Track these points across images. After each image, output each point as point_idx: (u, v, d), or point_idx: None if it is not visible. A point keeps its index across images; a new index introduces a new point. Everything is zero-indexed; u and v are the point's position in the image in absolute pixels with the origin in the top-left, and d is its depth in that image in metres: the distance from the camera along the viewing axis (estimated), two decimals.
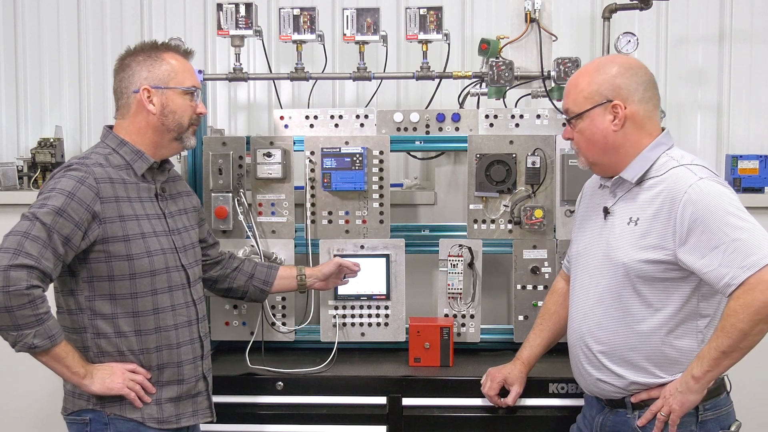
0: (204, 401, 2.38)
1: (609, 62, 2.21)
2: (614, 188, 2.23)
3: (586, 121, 2.18)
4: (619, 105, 2.14)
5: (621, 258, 2.14)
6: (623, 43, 3.00)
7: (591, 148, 2.22)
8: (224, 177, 2.92)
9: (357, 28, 2.94)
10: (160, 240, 2.26)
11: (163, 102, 2.26)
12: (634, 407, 2.20)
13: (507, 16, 3.10)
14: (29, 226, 2.05)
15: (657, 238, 2.09)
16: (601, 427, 2.29)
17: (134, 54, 2.30)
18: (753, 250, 1.95)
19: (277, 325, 2.97)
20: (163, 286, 2.25)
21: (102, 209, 2.14)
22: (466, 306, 2.96)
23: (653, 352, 2.14)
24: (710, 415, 2.15)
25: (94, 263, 2.17)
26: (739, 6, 3.65)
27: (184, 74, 2.31)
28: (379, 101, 3.53)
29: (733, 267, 1.97)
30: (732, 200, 2.04)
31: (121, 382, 2.17)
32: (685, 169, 2.10)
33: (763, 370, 3.28)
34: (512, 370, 2.56)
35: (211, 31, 3.68)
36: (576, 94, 2.20)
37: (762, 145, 3.66)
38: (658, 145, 2.17)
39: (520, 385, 2.55)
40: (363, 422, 2.67)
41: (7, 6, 3.81)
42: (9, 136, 3.84)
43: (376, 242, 2.95)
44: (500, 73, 2.91)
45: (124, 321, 2.20)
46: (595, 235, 2.27)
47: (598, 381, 2.24)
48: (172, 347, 2.27)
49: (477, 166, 2.92)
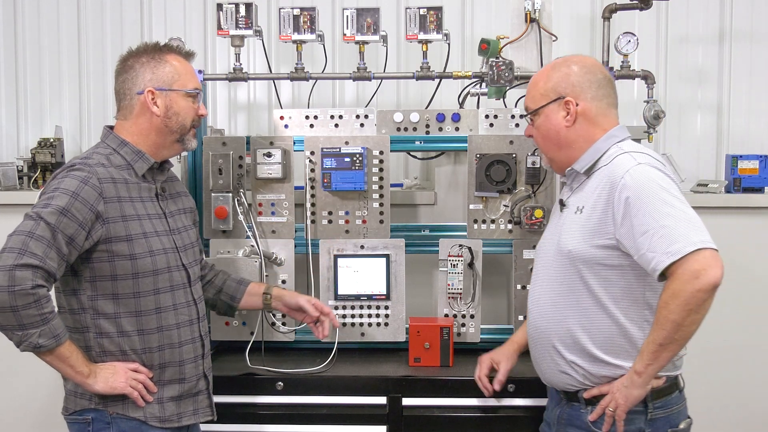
0: (205, 400, 2.39)
1: (565, 61, 2.30)
2: (570, 181, 2.30)
3: (542, 117, 2.27)
4: (571, 101, 2.22)
5: (567, 246, 2.20)
6: (623, 43, 3.00)
7: (547, 144, 2.30)
8: (224, 177, 2.92)
9: (357, 28, 2.94)
10: (162, 239, 2.27)
11: (167, 104, 2.28)
12: (587, 402, 2.22)
13: (507, 16, 3.10)
14: (33, 226, 2.05)
15: (599, 223, 2.13)
16: (558, 419, 2.33)
17: (137, 55, 2.30)
18: (678, 238, 1.98)
19: (277, 325, 2.97)
20: (165, 285, 2.26)
21: (105, 209, 2.15)
22: (466, 306, 2.96)
23: (603, 339, 2.17)
24: (660, 413, 2.17)
25: (97, 263, 2.17)
26: (739, 6, 3.65)
27: (187, 76, 2.33)
28: (379, 101, 3.53)
29: (658, 252, 2.00)
30: (666, 186, 2.06)
31: (124, 381, 2.18)
32: (628, 155, 2.14)
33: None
34: (500, 349, 2.60)
35: (211, 31, 3.68)
36: (534, 91, 2.30)
37: (762, 145, 3.66)
38: (610, 138, 2.23)
39: (508, 361, 2.56)
40: (363, 422, 2.67)
41: (7, 6, 3.81)
42: (9, 136, 3.84)
43: (376, 242, 2.95)
44: (500, 73, 2.91)
45: (127, 320, 2.21)
46: (552, 228, 2.35)
47: (556, 371, 2.27)
48: (174, 346, 2.28)
49: (477, 166, 2.92)
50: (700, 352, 3.33)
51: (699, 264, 1.96)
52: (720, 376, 3.39)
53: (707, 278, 1.96)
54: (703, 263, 1.97)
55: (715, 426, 3.38)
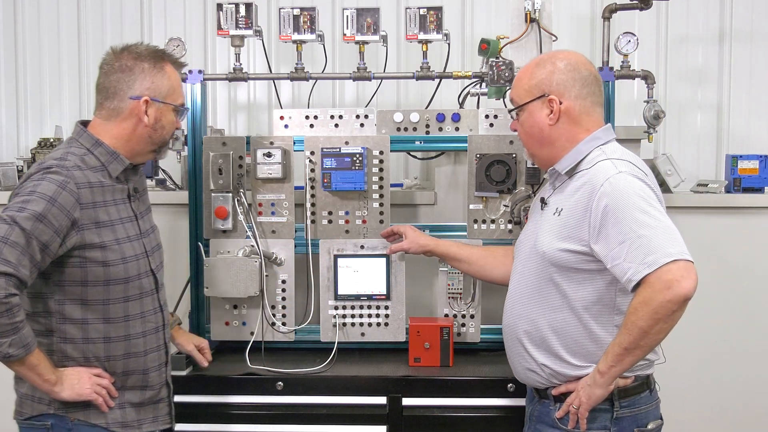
0: (164, 407, 2.36)
1: (551, 58, 2.28)
2: (552, 180, 2.30)
3: (526, 114, 2.27)
4: (555, 100, 2.21)
5: (541, 247, 2.20)
6: (623, 43, 3.00)
7: (530, 140, 2.30)
8: (224, 177, 2.92)
9: (357, 28, 2.93)
10: (134, 245, 2.23)
11: (157, 116, 2.25)
12: (555, 399, 2.23)
13: (507, 16, 3.10)
14: (8, 231, 1.98)
15: (575, 228, 2.13)
16: (530, 415, 2.35)
17: (139, 58, 2.24)
18: (655, 249, 1.97)
19: (277, 325, 2.97)
20: (134, 293, 2.22)
21: (81, 216, 2.10)
22: (466, 306, 2.96)
23: (571, 341, 2.18)
24: (626, 412, 2.18)
25: (69, 267, 2.12)
26: (739, 6, 3.66)
27: (179, 91, 2.32)
28: (379, 101, 3.53)
29: (635, 263, 1.99)
30: (645, 197, 2.05)
31: (89, 387, 2.14)
32: (610, 162, 2.13)
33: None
34: (422, 235, 2.78)
35: (211, 31, 3.68)
36: (519, 87, 2.29)
37: (762, 145, 3.66)
38: (593, 140, 2.21)
39: (410, 243, 2.76)
40: (363, 422, 2.67)
41: (7, 6, 3.81)
42: (9, 136, 3.85)
43: (376, 242, 2.95)
44: (500, 73, 2.91)
45: (94, 327, 2.16)
46: (531, 225, 2.35)
47: (525, 369, 2.29)
48: (139, 354, 2.25)
49: (477, 166, 2.92)
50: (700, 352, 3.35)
51: (672, 274, 1.95)
52: (720, 376, 3.38)
53: (679, 289, 1.95)
54: (677, 274, 1.95)
55: (715, 426, 3.38)
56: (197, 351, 2.73)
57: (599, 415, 2.17)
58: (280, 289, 2.97)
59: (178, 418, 2.67)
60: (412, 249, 2.77)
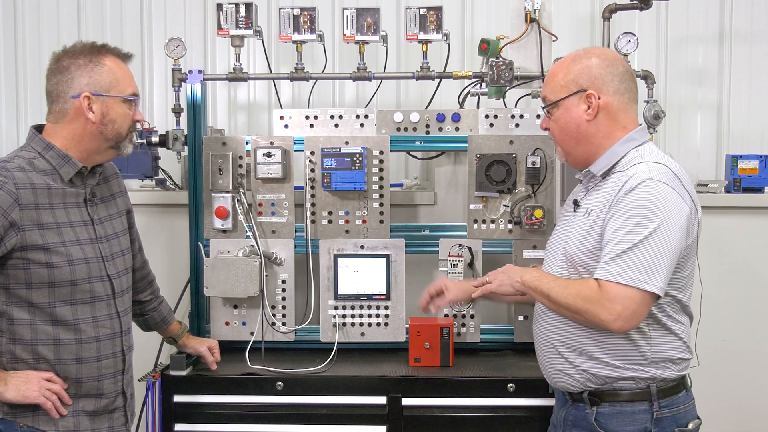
0: (120, 417, 2.31)
1: (586, 53, 2.24)
2: (586, 181, 2.27)
3: (561, 110, 2.22)
4: (593, 94, 2.17)
5: (570, 249, 2.19)
6: (623, 43, 3.00)
7: (565, 138, 2.25)
8: (224, 177, 2.92)
9: (357, 28, 2.93)
10: (84, 249, 2.18)
11: (103, 110, 2.18)
12: (592, 403, 2.20)
13: (507, 16, 3.10)
14: None
15: (600, 228, 2.11)
16: (563, 420, 2.30)
17: (74, 56, 2.18)
18: (632, 265, 2.00)
19: (277, 325, 2.97)
20: (84, 296, 2.17)
21: (20, 216, 2.06)
22: (466, 306, 2.96)
23: (606, 343, 2.15)
24: (666, 412, 2.15)
25: (12, 269, 2.09)
26: (739, 6, 3.65)
27: (126, 81, 2.22)
28: (379, 101, 3.53)
29: (612, 264, 2.02)
30: (665, 214, 2.02)
31: (37, 390, 2.09)
32: (645, 166, 2.11)
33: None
34: (460, 281, 2.69)
35: (211, 31, 3.68)
36: (553, 83, 2.24)
37: (762, 145, 3.65)
38: (629, 141, 2.19)
39: (456, 290, 2.49)
40: (363, 422, 2.67)
41: (7, 6, 3.81)
42: (9, 136, 3.84)
43: (376, 242, 2.95)
44: (500, 73, 2.91)
45: (42, 328, 2.12)
46: (561, 228, 2.33)
47: (559, 372, 2.25)
48: (92, 360, 2.19)
49: (477, 166, 2.92)
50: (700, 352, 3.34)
51: (620, 304, 2.01)
52: (719, 376, 3.38)
53: (616, 324, 2.03)
54: (626, 307, 2.01)
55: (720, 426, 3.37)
56: (209, 352, 2.75)
57: (639, 416, 2.14)
58: (280, 289, 2.98)
59: (178, 418, 2.68)
60: (459, 297, 2.54)
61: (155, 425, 2.70)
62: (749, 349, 3.38)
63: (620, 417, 2.15)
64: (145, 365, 2.93)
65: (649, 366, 2.14)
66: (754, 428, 3.44)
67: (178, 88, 3.03)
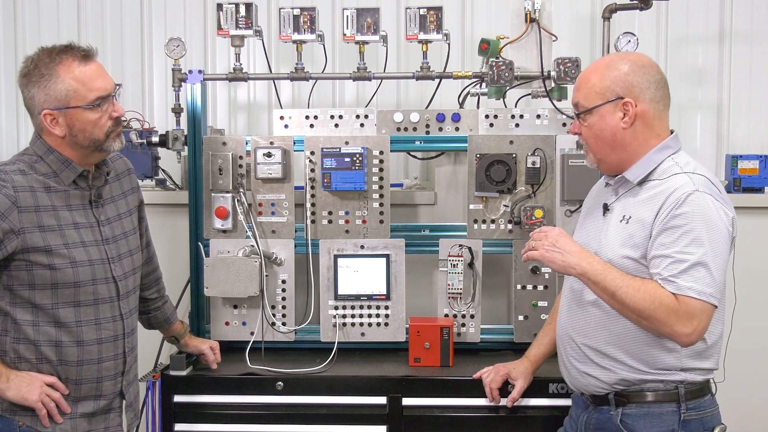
0: (116, 418, 2.29)
1: (621, 59, 2.19)
2: (617, 186, 2.23)
3: (596, 117, 2.16)
4: (630, 102, 2.12)
5: (606, 254, 2.14)
6: (623, 43, 3.00)
7: (599, 145, 2.19)
8: (224, 177, 2.92)
9: (357, 28, 2.94)
10: (89, 250, 2.16)
11: (68, 123, 2.11)
12: (618, 404, 2.18)
13: (507, 16, 3.10)
14: None
15: (641, 238, 2.09)
16: (585, 425, 2.28)
17: (28, 74, 2.12)
18: (703, 280, 1.98)
19: (277, 325, 2.97)
20: (87, 298, 2.16)
21: (20, 219, 2.06)
22: (466, 306, 2.96)
23: (633, 347, 2.13)
24: (693, 414, 2.13)
25: (15, 271, 2.10)
26: (739, 6, 3.65)
27: (87, 86, 2.11)
28: (379, 101, 3.53)
29: (681, 278, 1.98)
30: (719, 227, 2.02)
31: (37, 394, 2.09)
32: (686, 177, 2.08)
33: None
34: (518, 365, 2.58)
35: (211, 31, 3.68)
36: (587, 89, 2.18)
37: (762, 145, 3.65)
38: (665, 149, 2.16)
39: (525, 381, 2.55)
40: (363, 422, 2.67)
41: (7, 6, 3.81)
42: (9, 136, 3.84)
43: (376, 242, 2.95)
44: (500, 73, 2.91)
45: (45, 330, 2.13)
46: (592, 231, 2.28)
47: (584, 374, 2.22)
48: (93, 362, 2.19)
49: (477, 166, 2.92)
50: None
51: (699, 321, 1.99)
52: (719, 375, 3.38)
53: (690, 338, 2.01)
54: (702, 320, 1.99)
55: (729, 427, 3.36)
56: (211, 351, 2.75)
57: (667, 418, 2.12)
58: (280, 289, 2.98)
59: (178, 418, 2.68)
60: (527, 383, 2.58)
61: (155, 425, 2.70)
62: (747, 350, 3.38)
63: (647, 418, 2.13)
64: (145, 365, 2.93)
65: (679, 370, 2.12)
66: (754, 427, 3.44)
67: (178, 88, 3.03)
